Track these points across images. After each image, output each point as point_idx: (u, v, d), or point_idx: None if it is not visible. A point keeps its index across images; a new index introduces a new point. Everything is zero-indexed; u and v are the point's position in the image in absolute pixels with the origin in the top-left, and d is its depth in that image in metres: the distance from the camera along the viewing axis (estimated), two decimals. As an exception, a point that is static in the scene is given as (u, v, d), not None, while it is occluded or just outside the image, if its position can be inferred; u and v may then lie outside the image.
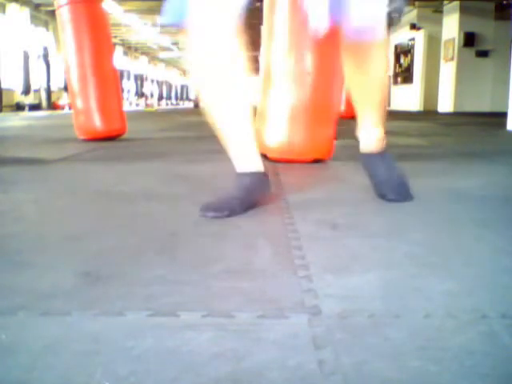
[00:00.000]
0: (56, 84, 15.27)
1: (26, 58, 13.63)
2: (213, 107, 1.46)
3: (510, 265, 1.00)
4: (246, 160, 1.51)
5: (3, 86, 12.69)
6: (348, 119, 8.09)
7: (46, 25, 15.74)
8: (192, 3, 1.32)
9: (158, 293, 0.85)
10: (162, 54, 28.39)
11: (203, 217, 1.36)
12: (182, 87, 34.64)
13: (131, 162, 2.72)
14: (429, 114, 11.75)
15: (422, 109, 14.62)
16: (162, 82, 29.78)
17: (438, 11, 13.87)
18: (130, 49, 25.99)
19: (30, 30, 14.70)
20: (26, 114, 12.06)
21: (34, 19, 15.00)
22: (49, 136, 4.77)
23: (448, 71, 13.31)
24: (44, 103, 14.97)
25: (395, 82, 17.12)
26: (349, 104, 8.01)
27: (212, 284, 0.89)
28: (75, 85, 3.88)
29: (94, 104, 3.86)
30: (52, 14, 12.05)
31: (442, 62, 13.70)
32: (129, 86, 24.89)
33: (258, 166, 1.52)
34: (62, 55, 4.03)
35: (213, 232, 1.24)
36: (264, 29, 2.61)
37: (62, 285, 0.89)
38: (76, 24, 3.78)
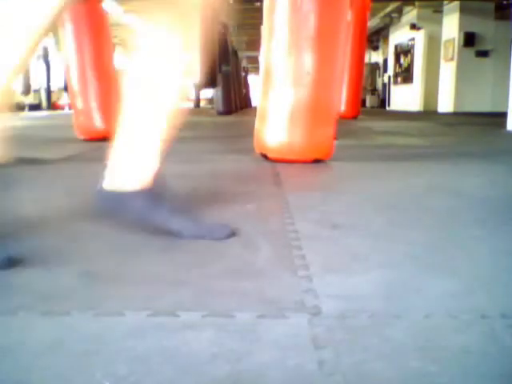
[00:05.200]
0: (56, 84, 15.27)
1: (26, 58, 13.60)
2: None
3: (510, 265, 1.00)
4: None
5: (3, 86, 12.67)
6: (348, 119, 8.08)
7: (45, 25, 15.72)
8: None
9: (158, 293, 0.85)
10: (162, 54, 28.36)
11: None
12: (182, 87, 34.61)
13: (131, 162, 2.72)
14: (429, 113, 11.75)
15: (421, 109, 14.62)
16: (161, 82, 29.74)
17: (438, 11, 13.86)
18: (129, 49, 25.96)
19: (30, 30, 14.67)
20: (26, 114, 12.06)
21: (34, 19, 14.98)
22: (49, 136, 4.77)
23: (448, 71, 13.31)
24: (44, 103, 14.97)
25: (395, 82, 17.12)
26: (349, 104, 8.05)
27: (212, 284, 0.89)
28: (75, 85, 3.88)
29: (94, 104, 3.86)
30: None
31: (442, 61, 13.70)
32: (129, 86, 24.83)
33: None
34: (62, 55, 4.03)
35: (213, 232, 1.24)
36: (264, 29, 2.61)
37: (62, 285, 0.89)
38: (76, 24, 3.78)
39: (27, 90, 13.89)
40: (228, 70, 10.70)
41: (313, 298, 0.82)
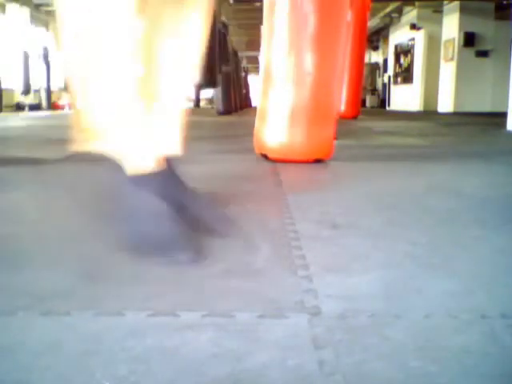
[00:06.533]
0: (56, 84, 15.27)
1: (26, 58, 13.63)
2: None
3: (510, 265, 1.00)
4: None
5: (3, 86, 12.69)
6: (348, 119, 8.07)
7: (46, 25, 15.74)
8: None
9: (158, 293, 0.85)
10: (162, 54, 28.36)
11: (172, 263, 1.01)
12: (182, 87, 34.62)
13: (131, 162, 2.72)
14: (429, 113, 11.75)
15: (421, 109, 14.62)
16: (162, 82, 29.73)
17: (438, 11, 13.87)
18: (130, 49, 25.92)
19: (30, 30, 14.70)
20: (26, 114, 12.06)
21: (34, 19, 15.00)
22: (49, 136, 4.77)
23: (448, 71, 13.32)
24: (44, 103, 14.96)
25: (395, 82, 17.13)
26: (349, 104, 8.05)
27: (212, 284, 0.89)
28: (75, 85, 3.87)
29: (93, 104, 3.85)
30: (52, 13, 12.04)
31: (442, 61, 13.71)
32: (129, 86, 24.83)
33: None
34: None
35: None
36: (264, 29, 2.61)
37: (62, 285, 0.89)
38: (76, 24, 3.77)
39: (27, 90, 13.88)
40: (228, 69, 10.70)
41: (313, 298, 0.82)
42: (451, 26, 13.17)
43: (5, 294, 0.85)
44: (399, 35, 16.39)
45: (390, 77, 17.63)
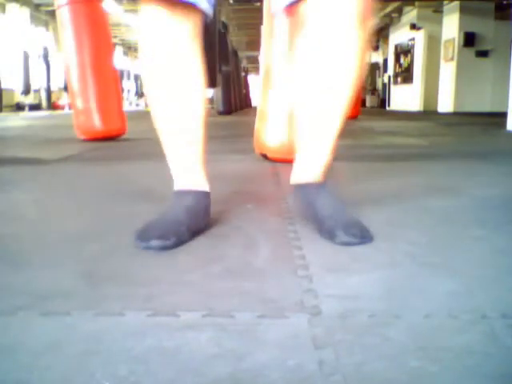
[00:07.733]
0: (56, 84, 15.28)
1: (26, 58, 13.64)
2: (159, 110, 1.28)
3: (510, 265, 1.00)
4: (189, 176, 1.34)
5: (3, 86, 12.70)
6: (348, 119, 8.04)
7: (46, 25, 15.74)
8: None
9: (158, 293, 0.85)
10: (162, 54, 28.34)
11: (145, 248, 1.08)
12: (182, 87, 34.63)
13: (131, 162, 2.72)
14: (429, 113, 11.75)
15: (421, 109, 14.63)
16: (161, 82, 29.72)
17: (438, 11, 13.88)
18: (129, 49, 25.98)
19: (30, 30, 14.70)
20: (26, 114, 12.06)
21: (34, 19, 15.00)
22: (49, 136, 4.77)
23: (448, 71, 13.32)
24: (44, 103, 14.97)
25: (395, 82, 17.13)
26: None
27: (212, 284, 0.89)
28: (75, 85, 3.88)
29: (93, 104, 3.86)
30: (52, 13, 12.05)
31: (442, 61, 13.71)
32: (129, 85, 24.94)
33: (202, 184, 1.34)
34: (62, 55, 4.03)
35: (213, 232, 1.24)
36: (264, 29, 2.61)
37: (62, 285, 0.89)
38: (76, 24, 3.78)
39: (27, 90, 13.89)
40: (228, 69, 10.70)
41: (313, 298, 0.82)
42: (451, 25, 13.17)
43: (5, 294, 0.85)
44: (399, 35, 16.39)
45: (389, 77, 17.63)
